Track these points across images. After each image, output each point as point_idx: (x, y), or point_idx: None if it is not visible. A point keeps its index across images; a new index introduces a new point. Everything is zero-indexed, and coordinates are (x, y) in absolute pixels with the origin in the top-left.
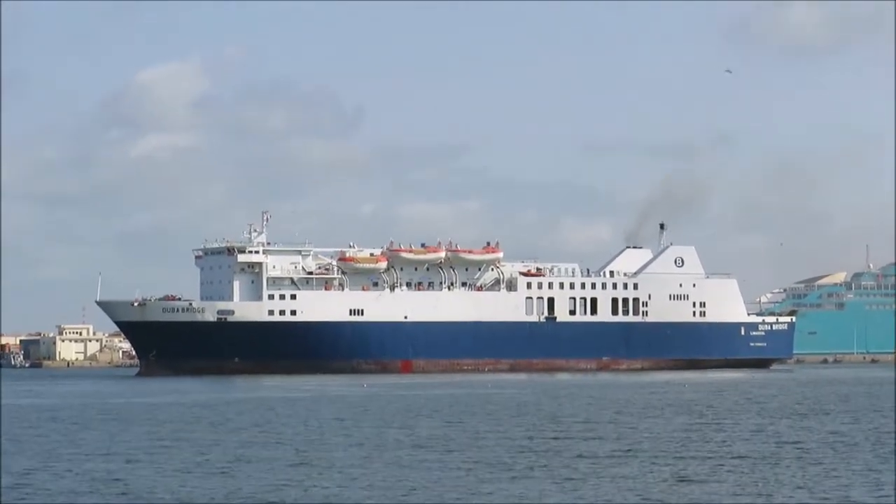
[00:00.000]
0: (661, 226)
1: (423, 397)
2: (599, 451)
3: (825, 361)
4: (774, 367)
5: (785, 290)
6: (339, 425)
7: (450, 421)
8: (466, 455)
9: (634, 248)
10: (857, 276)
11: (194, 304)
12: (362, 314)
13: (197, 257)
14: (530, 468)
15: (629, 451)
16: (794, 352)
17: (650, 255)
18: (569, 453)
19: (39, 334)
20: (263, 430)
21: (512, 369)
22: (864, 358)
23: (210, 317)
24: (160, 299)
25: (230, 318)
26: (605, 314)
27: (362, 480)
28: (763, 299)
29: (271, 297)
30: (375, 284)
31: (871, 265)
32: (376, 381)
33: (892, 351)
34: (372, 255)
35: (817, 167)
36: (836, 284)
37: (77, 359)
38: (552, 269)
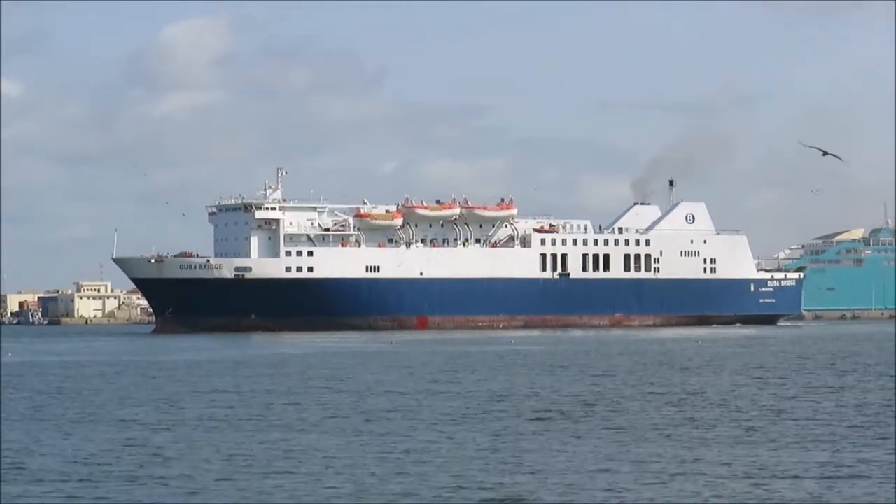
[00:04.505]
0: (671, 182)
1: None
2: None
3: (843, 317)
4: (781, 322)
5: (803, 247)
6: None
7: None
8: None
9: (643, 204)
10: (875, 232)
11: (211, 262)
12: (378, 271)
13: (211, 214)
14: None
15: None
16: (813, 308)
17: (659, 212)
18: None
19: (58, 291)
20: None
21: (526, 325)
22: (883, 314)
23: (227, 274)
24: (176, 256)
25: (247, 275)
26: (617, 270)
27: None
28: (781, 255)
29: (288, 253)
30: (391, 241)
31: (890, 221)
32: (403, 337)
33: None
34: (387, 211)
35: (836, 124)
36: (854, 240)
37: (95, 316)
38: (565, 225)
